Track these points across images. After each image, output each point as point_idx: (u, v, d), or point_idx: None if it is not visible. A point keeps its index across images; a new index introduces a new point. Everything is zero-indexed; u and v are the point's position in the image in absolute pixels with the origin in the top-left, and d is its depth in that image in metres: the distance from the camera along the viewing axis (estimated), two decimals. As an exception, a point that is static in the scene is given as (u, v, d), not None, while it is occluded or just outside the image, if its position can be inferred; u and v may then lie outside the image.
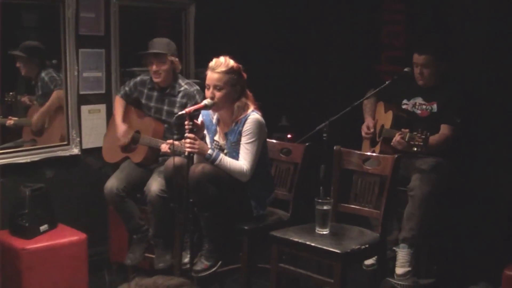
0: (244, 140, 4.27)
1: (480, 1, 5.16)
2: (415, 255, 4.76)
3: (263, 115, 4.37)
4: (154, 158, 5.04)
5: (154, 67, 4.95)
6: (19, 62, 5.19)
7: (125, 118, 5.17)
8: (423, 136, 4.47)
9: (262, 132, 4.33)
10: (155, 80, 5.02)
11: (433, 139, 4.73)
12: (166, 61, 4.97)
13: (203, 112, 4.46)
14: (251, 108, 4.34)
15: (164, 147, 4.73)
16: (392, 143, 4.78)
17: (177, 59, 5.06)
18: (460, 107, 4.97)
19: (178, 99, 5.00)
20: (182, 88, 5.02)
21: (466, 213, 5.06)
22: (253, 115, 4.29)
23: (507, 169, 5.06)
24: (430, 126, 4.83)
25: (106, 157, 5.28)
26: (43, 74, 5.28)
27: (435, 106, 5.03)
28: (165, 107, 5.04)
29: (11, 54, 5.09)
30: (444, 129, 4.94)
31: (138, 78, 5.20)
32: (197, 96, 4.95)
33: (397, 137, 4.70)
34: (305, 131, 5.01)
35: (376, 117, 5.31)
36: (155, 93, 5.09)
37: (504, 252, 4.72)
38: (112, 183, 4.90)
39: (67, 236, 4.82)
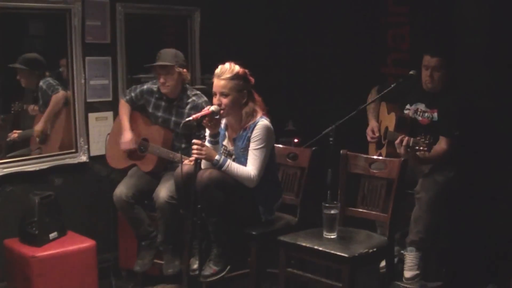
0: (252, 146, 4.28)
1: (482, 6, 5.15)
2: (423, 258, 4.75)
3: (271, 120, 4.39)
4: (164, 166, 5.05)
5: (161, 79, 4.94)
6: (19, 74, 5.18)
7: (132, 124, 5.14)
8: (427, 141, 4.41)
9: (271, 138, 4.35)
10: (163, 91, 5.01)
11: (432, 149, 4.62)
12: (174, 72, 4.94)
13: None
14: (260, 114, 4.36)
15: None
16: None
17: (185, 70, 5.02)
18: (459, 117, 4.85)
19: (186, 110, 4.98)
20: (190, 100, 5.00)
21: (475, 215, 5.05)
22: (262, 121, 4.31)
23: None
24: (430, 133, 4.65)
25: (112, 162, 5.27)
26: (41, 83, 5.28)
27: (435, 115, 4.95)
28: (173, 118, 5.03)
29: (12, 67, 5.10)
30: (442, 142, 4.83)
31: (145, 87, 5.16)
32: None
33: (397, 141, 4.54)
34: (311, 135, 5.02)
35: (380, 118, 5.29)
36: (162, 103, 5.08)
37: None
38: (121, 190, 4.92)
39: (77, 243, 4.85)
